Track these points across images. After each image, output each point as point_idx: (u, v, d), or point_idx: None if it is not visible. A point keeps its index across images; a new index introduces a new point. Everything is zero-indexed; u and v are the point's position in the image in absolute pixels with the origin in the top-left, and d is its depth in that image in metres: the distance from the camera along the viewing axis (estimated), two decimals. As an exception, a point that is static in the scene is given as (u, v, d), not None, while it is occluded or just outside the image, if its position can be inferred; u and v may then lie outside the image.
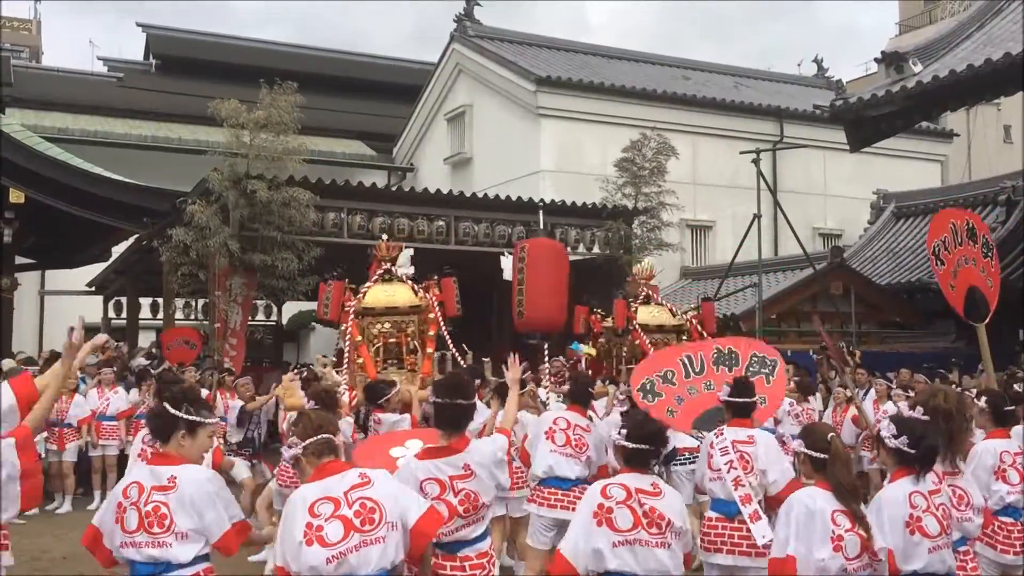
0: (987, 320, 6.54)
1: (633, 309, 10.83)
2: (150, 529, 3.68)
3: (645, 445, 4.01)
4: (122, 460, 11.22)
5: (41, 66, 31.96)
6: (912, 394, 8.59)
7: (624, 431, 4.08)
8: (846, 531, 3.73)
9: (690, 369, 6.45)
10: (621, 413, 7.66)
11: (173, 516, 3.69)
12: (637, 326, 10.54)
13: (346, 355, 9.06)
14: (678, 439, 7.66)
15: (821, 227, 24.64)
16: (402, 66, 34.35)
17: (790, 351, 14.43)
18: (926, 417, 4.41)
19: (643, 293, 11.27)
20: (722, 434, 5.62)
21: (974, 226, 6.73)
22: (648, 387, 6.41)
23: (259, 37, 35.31)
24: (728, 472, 5.36)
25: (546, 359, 9.91)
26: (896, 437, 4.02)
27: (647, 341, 10.49)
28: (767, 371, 6.43)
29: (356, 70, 33.06)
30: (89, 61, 32.34)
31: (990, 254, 6.71)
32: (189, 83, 28.19)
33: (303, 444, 3.82)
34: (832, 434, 3.95)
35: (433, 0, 78.62)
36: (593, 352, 10.70)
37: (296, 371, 10.09)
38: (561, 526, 5.92)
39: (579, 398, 6.53)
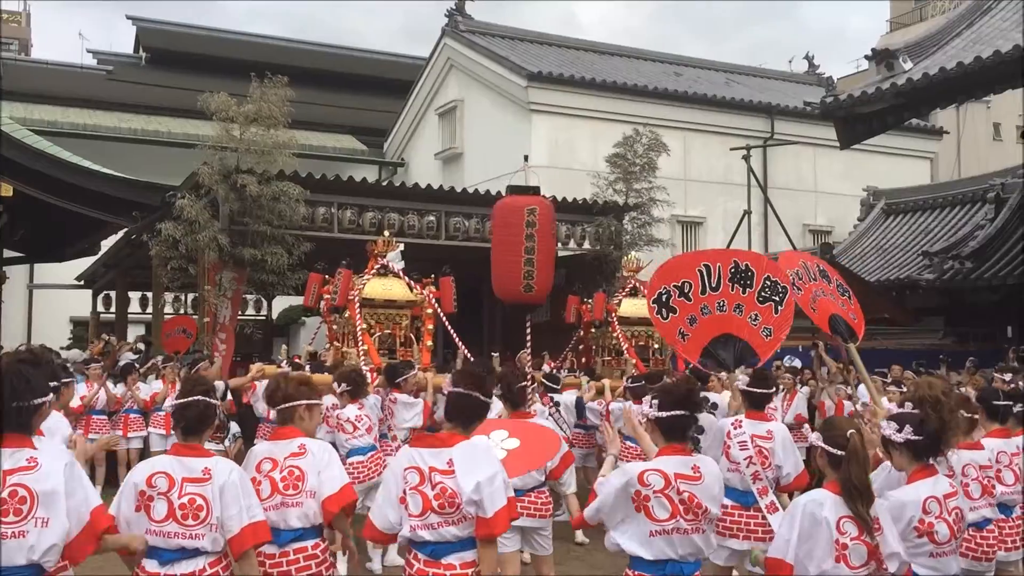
0: (858, 342, 6.50)
1: (617, 301, 10.85)
2: (183, 521, 3.76)
3: (680, 411, 3.81)
4: (109, 453, 11.21)
5: (30, 59, 31.88)
6: (904, 389, 8.63)
7: (655, 401, 3.84)
8: (851, 539, 3.55)
9: (706, 283, 6.16)
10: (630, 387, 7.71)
11: (210, 508, 3.78)
12: (615, 319, 10.57)
13: (359, 339, 9.30)
14: None
15: (811, 223, 24.71)
16: (393, 61, 34.30)
17: (779, 347, 14.47)
18: (916, 411, 4.40)
19: (630, 285, 11.29)
20: (740, 426, 5.76)
21: (824, 269, 6.66)
22: (664, 299, 6.13)
23: (254, 30, 35.15)
24: (747, 467, 5.59)
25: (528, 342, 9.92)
26: (900, 431, 3.97)
27: (626, 334, 10.54)
28: (777, 299, 6.22)
29: (347, 65, 33.00)
30: (79, 54, 32.18)
31: (847, 294, 6.69)
32: (179, 77, 28.08)
33: (273, 408, 4.37)
34: (852, 431, 3.72)
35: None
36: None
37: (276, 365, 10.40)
38: (523, 531, 5.85)
39: (516, 402, 6.06)
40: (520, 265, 9.24)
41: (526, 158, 12.03)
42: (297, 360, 10.85)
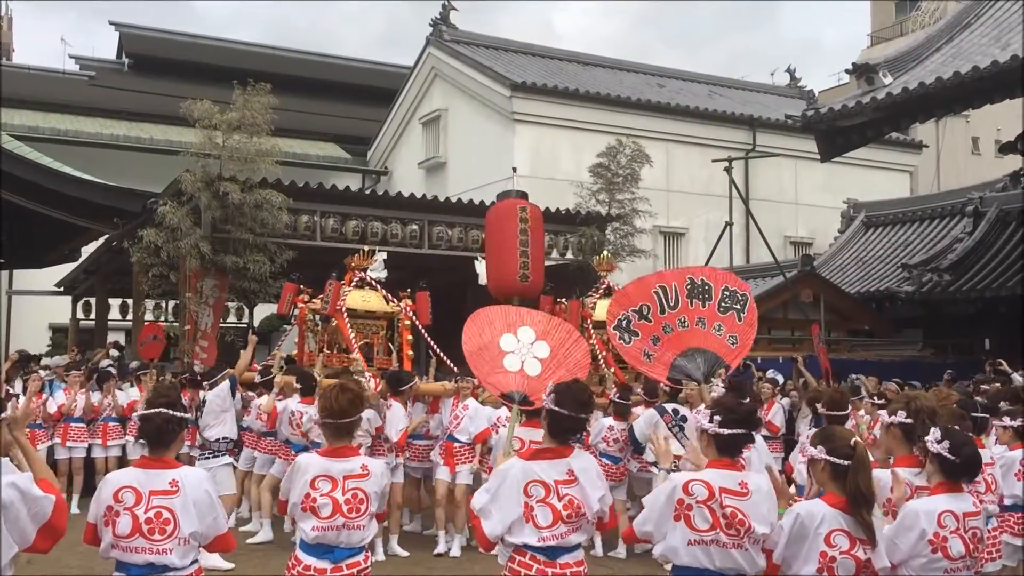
0: (722, 378, 6.39)
1: (591, 304, 10.82)
2: (150, 536, 3.69)
3: (740, 430, 3.82)
4: (88, 462, 11.14)
5: (12, 64, 31.60)
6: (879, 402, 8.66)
7: (717, 418, 3.84)
8: (840, 553, 3.57)
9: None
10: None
11: (179, 522, 3.72)
12: (591, 324, 10.57)
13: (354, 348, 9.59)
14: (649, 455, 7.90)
15: (792, 235, 24.86)
16: (377, 69, 34.30)
17: (759, 358, 14.56)
18: (909, 420, 4.39)
19: (604, 285, 11.23)
20: None
21: (704, 282, 6.33)
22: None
23: (233, 38, 35.07)
24: None
25: None
26: (939, 442, 3.94)
27: (602, 339, 10.55)
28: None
29: (331, 72, 32.98)
30: (61, 59, 31.94)
31: (737, 306, 6.26)
32: (162, 83, 28.00)
33: (324, 420, 4.30)
34: (855, 439, 3.72)
35: (402, 1, 78.71)
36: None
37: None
38: None
39: (530, 412, 5.87)
40: (516, 258, 9.59)
41: (514, 169, 12.27)
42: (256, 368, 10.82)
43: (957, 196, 20.24)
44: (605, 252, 12.63)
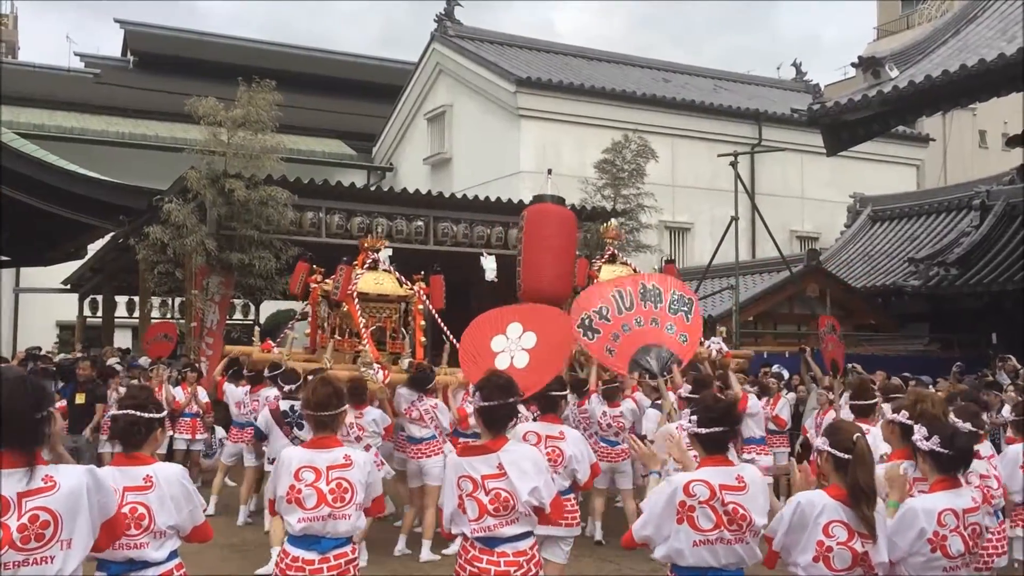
0: (672, 373, 6.95)
1: (596, 267, 10.89)
2: (126, 531, 3.68)
3: (719, 427, 3.83)
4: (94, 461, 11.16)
5: (17, 62, 31.67)
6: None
7: (694, 417, 3.88)
8: (838, 544, 3.57)
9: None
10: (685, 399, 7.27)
11: (153, 516, 3.73)
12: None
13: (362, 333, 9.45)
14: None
15: (798, 230, 24.81)
16: (382, 65, 34.31)
17: (766, 353, 14.53)
18: (910, 421, 4.36)
19: (609, 252, 11.32)
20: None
21: (654, 287, 7.21)
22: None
23: (237, 35, 35.09)
24: None
25: None
26: (928, 439, 3.91)
27: None
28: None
29: (336, 69, 32.98)
30: (66, 57, 32.05)
31: (686, 307, 7.18)
32: (167, 80, 28.03)
33: (306, 412, 4.40)
34: (858, 435, 3.70)
35: (400, 1, 78.62)
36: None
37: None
38: (545, 537, 5.79)
39: (547, 406, 6.00)
40: (571, 266, 9.95)
41: (549, 171, 12.39)
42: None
43: (964, 190, 20.18)
44: (613, 220, 12.68)
